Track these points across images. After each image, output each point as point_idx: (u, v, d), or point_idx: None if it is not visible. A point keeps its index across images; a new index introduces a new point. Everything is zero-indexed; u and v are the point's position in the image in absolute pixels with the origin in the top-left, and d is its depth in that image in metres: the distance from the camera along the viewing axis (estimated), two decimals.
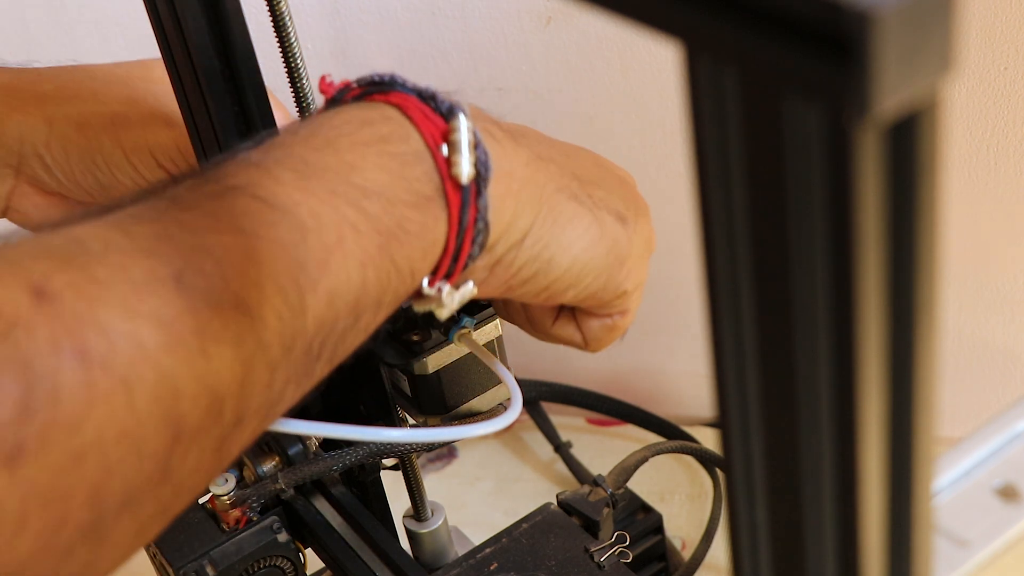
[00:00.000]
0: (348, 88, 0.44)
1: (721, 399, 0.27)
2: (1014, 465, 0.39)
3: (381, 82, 0.43)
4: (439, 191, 0.41)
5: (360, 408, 0.64)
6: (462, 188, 0.42)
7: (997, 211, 0.80)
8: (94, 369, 0.31)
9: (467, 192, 0.42)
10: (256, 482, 0.63)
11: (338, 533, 0.64)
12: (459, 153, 0.41)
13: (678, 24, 0.22)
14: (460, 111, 0.42)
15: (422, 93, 0.43)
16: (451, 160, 0.42)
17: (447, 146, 0.42)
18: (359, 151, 0.40)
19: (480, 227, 0.43)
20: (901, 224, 0.22)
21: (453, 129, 0.42)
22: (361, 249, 0.39)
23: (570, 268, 0.48)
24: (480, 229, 0.43)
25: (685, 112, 0.24)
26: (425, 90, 0.43)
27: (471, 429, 0.54)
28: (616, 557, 0.62)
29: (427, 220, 0.41)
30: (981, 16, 0.72)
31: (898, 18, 0.19)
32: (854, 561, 0.27)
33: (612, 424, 0.95)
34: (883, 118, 0.20)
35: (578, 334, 0.54)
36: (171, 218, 0.36)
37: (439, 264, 0.43)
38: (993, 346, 0.86)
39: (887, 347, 0.24)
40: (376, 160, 0.40)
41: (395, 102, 0.42)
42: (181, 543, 0.62)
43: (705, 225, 0.25)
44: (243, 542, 0.62)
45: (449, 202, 0.42)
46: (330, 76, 0.45)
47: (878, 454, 0.25)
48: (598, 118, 0.85)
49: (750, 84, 0.22)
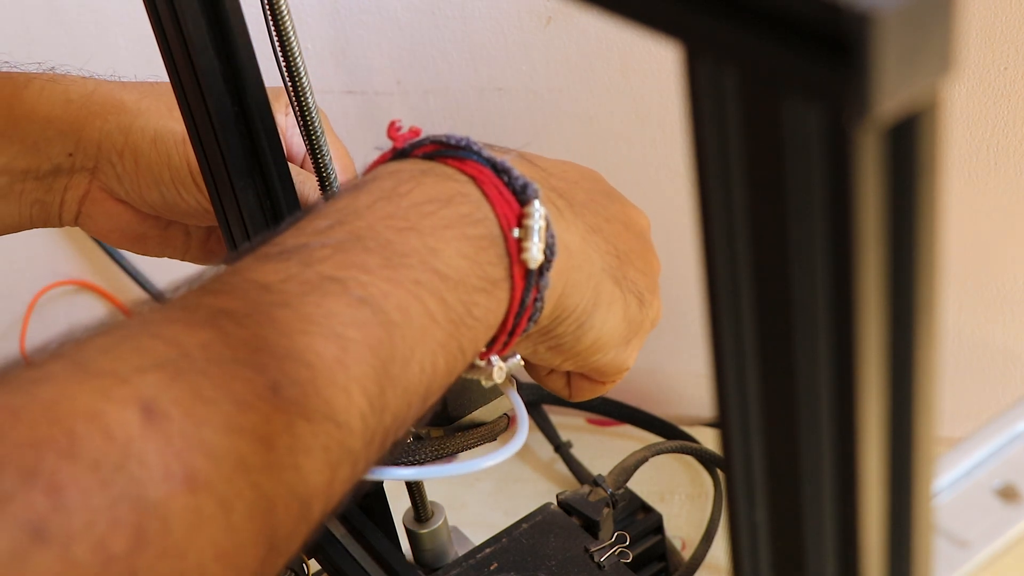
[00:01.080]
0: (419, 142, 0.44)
1: (721, 399, 0.27)
2: (1014, 465, 0.39)
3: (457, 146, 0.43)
4: (507, 275, 0.42)
5: None
6: (529, 272, 0.42)
7: (997, 211, 0.80)
8: (200, 493, 0.31)
9: (533, 276, 0.42)
10: None
11: (341, 544, 0.64)
12: (531, 240, 0.42)
13: (678, 25, 0.22)
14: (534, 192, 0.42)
15: (496, 166, 0.43)
16: (522, 245, 0.42)
17: (519, 229, 0.42)
18: (440, 234, 0.40)
19: (539, 306, 0.43)
20: (901, 225, 0.22)
21: (527, 215, 0.42)
22: (436, 340, 0.39)
23: (591, 345, 0.49)
24: (538, 308, 0.43)
25: (685, 113, 0.24)
26: (500, 163, 0.43)
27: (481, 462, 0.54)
28: (616, 557, 0.62)
29: (492, 304, 0.42)
30: (981, 16, 0.72)
31: (898, 19, 0.19)
32: (854, 561, 0.27)
33: (612, 424, 0.95)
34: (883, 119, 0.20)
35: (566, 389, 0.55)
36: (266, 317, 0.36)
37: (494, 340, 0.43)
38: (993, 346, 0.86)
39: (887, 347, 0.24)
40: (455, 245, 0.41)
41: (471, 174, 0.42)
42: None
43: (705, 226, 0.25)
44: None
45: (514, 284, 0.42)
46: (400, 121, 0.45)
47: (878, 454, 0.25)
48: (598, 118, 0.85)
49: (750, 85, 0.22)
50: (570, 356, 0.50)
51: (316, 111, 0.55)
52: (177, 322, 0.35)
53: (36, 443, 0.29)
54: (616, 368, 0.52)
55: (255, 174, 0.56)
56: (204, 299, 0.36)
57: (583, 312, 0.47)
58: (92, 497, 0.30)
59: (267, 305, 0.36)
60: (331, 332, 0.36)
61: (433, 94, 0.87)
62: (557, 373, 0.55)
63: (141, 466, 0.31)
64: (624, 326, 0.50)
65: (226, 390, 0.33)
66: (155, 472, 0.31)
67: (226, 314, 0.35)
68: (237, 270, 0.38)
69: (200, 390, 0.33)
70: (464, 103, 0.87)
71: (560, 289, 0.45)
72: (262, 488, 0.33)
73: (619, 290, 0.49)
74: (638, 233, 0.53)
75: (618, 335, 0.50)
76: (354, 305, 0.37)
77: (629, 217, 0.53)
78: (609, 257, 0.49)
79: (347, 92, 0.88)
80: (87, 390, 0.31)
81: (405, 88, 0.88)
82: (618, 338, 0.50)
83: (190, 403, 0.32)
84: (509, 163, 0.43)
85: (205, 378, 0.33)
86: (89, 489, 0.30)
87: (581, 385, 0.55)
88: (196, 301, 0.36)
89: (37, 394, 0.31)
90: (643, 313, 0.51)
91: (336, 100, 0.90)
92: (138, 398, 0.31)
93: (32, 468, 0.29)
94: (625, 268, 0.50)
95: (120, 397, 0.31)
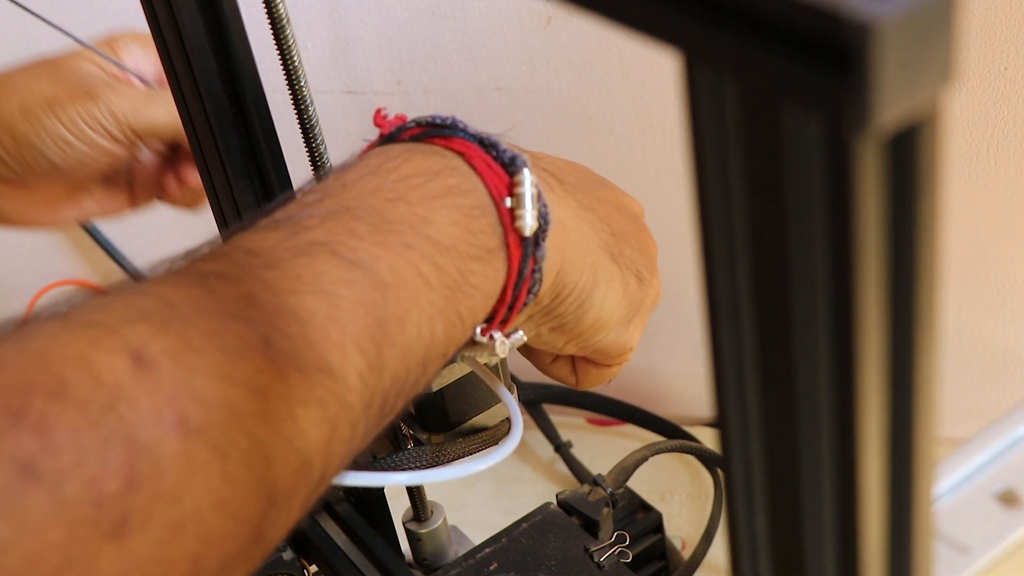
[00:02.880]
0: (405, 126, 0.45)
1: (721, 399, 0.27)
2: (1015, 470, 0.39)
3: (443, 125, 0.44)
4: (502, 243, 0.42)
5: None
6: (524, 240, 0.42)
7: (997, 211, 0.80)
8: (192, 438, 0.31)
9: (528, 244, 0.43)
10: None
11: (342, 550, 0.64)
12: (523, 207, 0.42)
13: (678, 33, 0.22)
14: (523, 162, 0.43)
15: (483, 141, 0.43)
16: (515, 213, 0.42)
17: (511, 198, 0.42)
18: (429, 204, 0.41)
19: (536, 277, 0.43)
20: (901, 234, 0.22)
21: (518, 183, 0.42)
22: (431, 304, 0.40)
23: (592, 324, 0.49)
24: (536, 279, 0.44)
25: (685, 121, 0.24)
26: (487, 138, 0.43)
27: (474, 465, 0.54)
28: (616, 557, 0.62)
29: (489, 272, 0.42)
30: (981, 16, 0.72)
31: (898, 29, 0.19)
32: (854, 566, 0.27)
33: (612, 424, 0.95)
34: (883, 129, 0.20)
35: (572, 376, 0.55)
36: (255, 277, 0.36)
37: (494, 313, 0.44)
38: (993, 346, 0.85)
39: (887, 350, 0.24)
40: (445, 213, 0.41)
41: (458, 149, 0.43)
42: None
43: (705, 234, 0.25)
44: None
45: (510, 254, 0.42)
46: (385, 109, 0.45)
47: (878, 458, 0.25)
48: (598, 118, 0.85)
49: (750, 94, 0.22)
50: (573, 337, 0.49)
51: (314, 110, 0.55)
52: (166, 283, 0.35)
53: (24, 387, 0.30)
54: (619, 348, 0.52)
55: (253, 175, 0.56)
56: (193, 265, 0.36)
57: (583, 289, 0.47)
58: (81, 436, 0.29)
59: (256, 267, 0.36)
60: (321, 290, 0.37)
61: (433, 94, 0.87)
62: (562, 360, 0.54)
63: (131, 408, 0.31)
64: (625, 304, 0.50)
65: (215, 341, 0.33)
66: (145, 415, 0.31)
67: (215, 275, 0.36)
68: (226, 241, 0.38)
69: (189, 340, 0.33)
70: (464, 103, 0.87)
71: (559, 264, 0.45)
72: (257, 437, 0.33)
73: (617, 267, 0.49)
74: (631, 216, 0.53)
75: (619, 313, 0.50)
76: (344, 266, 0.38)
77: (620, 201, 0.53)
78: (604, 235, 0.49)
79: (347, 92, 0.88)
80: (76, 339, 0.31)
81: (405, 88, 0.88)
82: (619, 316, 0.50)
83: (179, 352, 0.32)
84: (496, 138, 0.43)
85: (194, 329, 0.33)
86: (78, 429, 0.30)
87: (587, 370, 0.54)
88: (185, 267, 0.36)
89: (26, 345, 0.31)
90: (643, 291, 0.51)
91: (336, 100, 0.90)
92: (127, 346, 0.31)
93: (19, 409, 0.29)
94: (621, 246, 0.50)
95: (109, 345, 0.31)
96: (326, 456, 0.36)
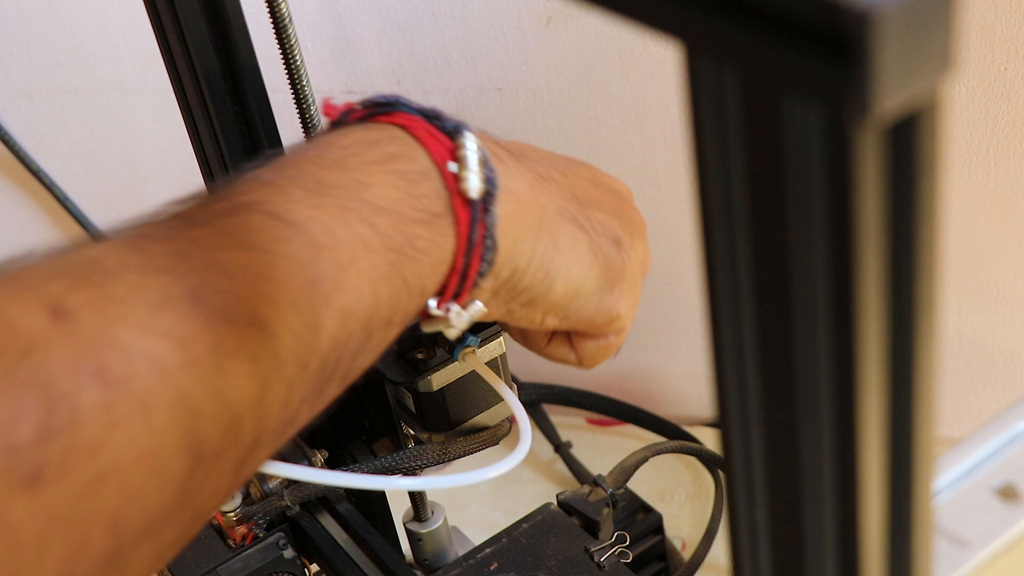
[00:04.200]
0: (352, 110, 0.45)
1: (721, 399, 0.27)
2: (1014, 465, 0.39)
3: (385, 103, 0.44)
4: (448, 208, 0.42)
5: (365, 424, 0.64)
6: (471, 204, 0.42)
7: (997, 211, 0.80)
8: (113, 389, 0.31)
9: (476, 208, 0.42)
10: (262, 499, 0.63)
11: (343, 549, 0.64)
12: (467, 169, 0.42)
13: (678, 24, 0.22)
14: (466, 129, 0.42)
15: (426, 113, 0.43)
16: (459, 176, 0.42)
17: (455, 163, 0.42)
18: (368, 169, 0.40)
19: (488, 244, 0.43)
20: (901, 224, 0.22)
21: (460, 146, 0.42)
22: (373, 266, 0.39)
23: (564, 293, 0.48)
24: (488, 247, 0.43)
25: (685, 112, 0.24)
26: (430, 110, 0.43)
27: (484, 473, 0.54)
28: (616, 557, 0.62)
29: (436, 237, 0.41)
30: (981, 16, 0.72)
31: (898, 18, 0.19)
32: (854, 561, 0.27)
33: (612, 424, 0.95)
34: (883, 118, 0.20)
35: (572, 354, 0.54)
36: (184, 236, 0.36)
37: (447, 283, 0.43)
38: (993, 346, 0.86)
39: (887, 347, 0.24)
40: (385, 178, 0.41)
41: (400, 123, 0.43)
42: (188, 559, 0.62)
43: (705, 225, 0.25)
44: (249, 558, 0.62)
45: (458, 219, 0.42)
46: (333, 98, 0.46)
47: (878, 454, 0.25)
48: (598, 118, 0.85)
49: (750, 84, 0.22)
50: (549, 309, 0.48)
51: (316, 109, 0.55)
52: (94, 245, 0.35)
53: None
54: (606, 315, 0.51)
55: None
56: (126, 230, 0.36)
57: (544, 258, 0.46)
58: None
59: (186, 227, 0.36)
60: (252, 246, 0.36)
61: (433, 94, 0.87)
62: (558, 339, 0.53)
63: (47, 357, 0.30)
64: (597, 268, 0.49)
65: (139, 293, 0.33)
66: (62, 364, 0.30)
67: (144, 236, 0.35)
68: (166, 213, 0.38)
69: (111, 293, 0.32)
70: (464, 103, 0.87)
71: (513, 233, 0.45)
72: (183, 390, 0.32)
73: (582, 232, 0.48)
74: (609, 189, 0.52)
75: (592, 278, 0.49)
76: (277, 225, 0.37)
77: (597, 177, 0.52)
78: (564, 202, 0.48)
79: (347, 92, 0.88)
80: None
81: (405, 88, 0.88)
82: (593, 281, 0.49)
83: (100, 304, 0.32)
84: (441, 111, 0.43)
85: (117, 282, 0.33)
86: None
87: (585, 345, 0.53)
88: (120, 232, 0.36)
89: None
90: (622, 255, 0.50)
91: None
92: (45, 301, 0.31)
93: None
94: (588, 211, 0.49)
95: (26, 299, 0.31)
96: (258, 416, 0.35)
